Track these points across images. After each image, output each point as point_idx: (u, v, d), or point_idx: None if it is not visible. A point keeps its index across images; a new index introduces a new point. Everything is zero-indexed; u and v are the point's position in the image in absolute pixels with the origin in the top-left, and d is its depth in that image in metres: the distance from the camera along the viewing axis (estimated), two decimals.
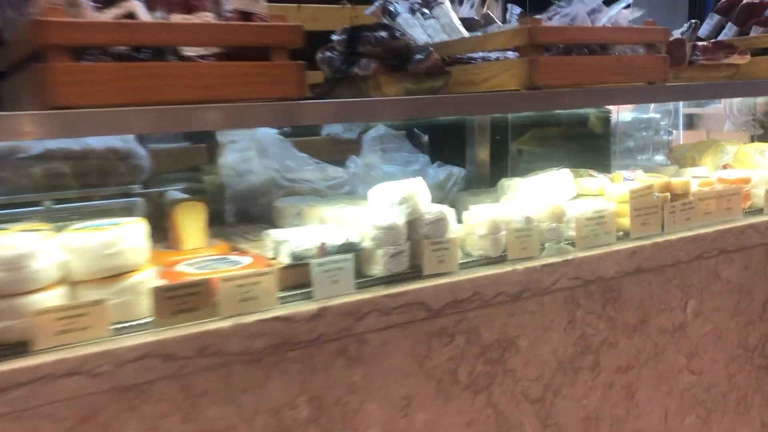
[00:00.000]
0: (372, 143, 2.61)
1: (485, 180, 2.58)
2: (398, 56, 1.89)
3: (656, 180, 2.09)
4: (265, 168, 2.31)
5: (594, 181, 2.16)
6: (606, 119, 2.80)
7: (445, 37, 2.33)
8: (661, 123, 4.17)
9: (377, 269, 1.65)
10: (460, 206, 2.07)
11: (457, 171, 2.56)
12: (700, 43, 2.46)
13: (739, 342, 2.25)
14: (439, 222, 1.73)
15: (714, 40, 2.59)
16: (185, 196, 2.28)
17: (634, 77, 2.05)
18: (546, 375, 1.86)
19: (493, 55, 2.03)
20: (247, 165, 2.32)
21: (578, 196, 2.15)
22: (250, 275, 1.46)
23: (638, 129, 4.08)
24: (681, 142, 4.25)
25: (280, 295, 1.53)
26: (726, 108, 3.83)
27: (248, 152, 2.33)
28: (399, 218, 1.68)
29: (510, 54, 2.01)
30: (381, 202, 1.73)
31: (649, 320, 2.03)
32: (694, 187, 2.20)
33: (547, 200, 1.93)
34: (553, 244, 1.89)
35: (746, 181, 2.30)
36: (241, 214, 2.26)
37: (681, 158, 2.71)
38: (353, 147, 2.64)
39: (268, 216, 2.10)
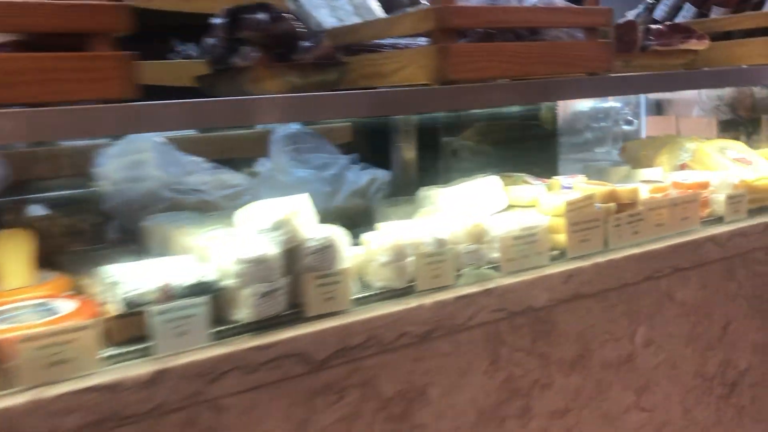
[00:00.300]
0: (282, 143, 2.25)
1: (414, 184, 2.25)
2: (281, 44, 1.56)
3: (598, 188, 1.78)
4: (148, 175, 1.96)
5: (527, 189, 1.84)
6: (552, 113, 2.50)
7: (358, 21, 1.99)
8: (622, 112, 3.88)
9: (245, 313, 1.32)
10: (380, 218, 1.76)
11: (381, 174, 2.23)
12: (653, 27, 2.15)
13: (696, 371, 1.96)
14: (326, 250, 1.40)
15: (669, 22, 2.28)
16: (44, 213, 1.93)
17: (572, 67, 1.73)
18: (464, 428, 1.55)
19: (403, 42, 1.70)
20: (125, 172, 1.96)
21: (510, 207, 1.84)
22: (57, 332, 1.12)
23: (596, 119, 3.80)
24: (644, 131, 3.97)
25: (107, 354, 1.19)
26: (695, 92, 3.56)
27: (126, 157, 1.97)
28: (271, 248, 1.34)
29: (423, 41, 1.68)
30: (250, 228, 1.40)
31: (590, 354, 1.73)
32: (645, 195, 1.90)
33: (465, 217, 1.61)
34: (473, 269, 1.58)
35: (704, 185, 2.00)
36: (117, 235, 1.91)
37: (635, 157, 2.40)
38: None
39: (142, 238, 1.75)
